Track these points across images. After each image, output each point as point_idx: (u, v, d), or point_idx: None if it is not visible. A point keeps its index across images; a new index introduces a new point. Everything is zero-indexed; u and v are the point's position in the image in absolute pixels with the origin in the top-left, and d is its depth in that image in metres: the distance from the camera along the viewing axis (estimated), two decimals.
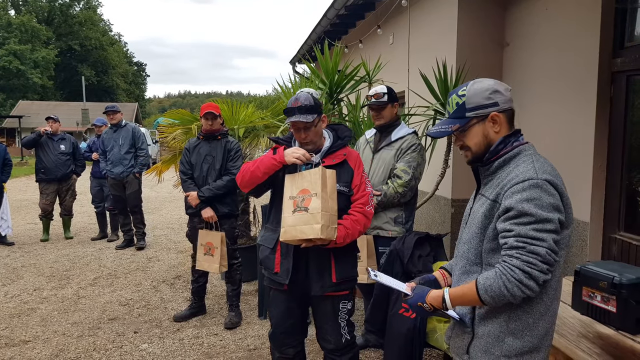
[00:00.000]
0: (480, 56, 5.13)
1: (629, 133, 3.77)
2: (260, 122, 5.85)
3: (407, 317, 3.05)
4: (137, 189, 7.34)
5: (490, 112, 1.78)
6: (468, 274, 1.82)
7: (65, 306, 5.06)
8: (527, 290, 1.62)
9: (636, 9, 3.74)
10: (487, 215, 1.75)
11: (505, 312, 1.74)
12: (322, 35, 9.25)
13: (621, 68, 3.76)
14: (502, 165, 1.78)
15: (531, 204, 1.63)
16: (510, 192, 1.67)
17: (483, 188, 1.85)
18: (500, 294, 1.64)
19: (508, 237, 1.65)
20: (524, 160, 1.74)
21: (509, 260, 1.63)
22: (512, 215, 1.65)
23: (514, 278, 1.61)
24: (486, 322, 1.78)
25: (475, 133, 1.81)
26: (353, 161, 2.77)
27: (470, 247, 1.82)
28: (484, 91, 1.79)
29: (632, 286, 2.24)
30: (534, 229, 1.62)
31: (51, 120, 7.77)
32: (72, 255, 7.10)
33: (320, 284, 2.71)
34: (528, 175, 1.67)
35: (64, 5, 51.45)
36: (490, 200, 1.75)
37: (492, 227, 1.74)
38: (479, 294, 1.68)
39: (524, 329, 1.73)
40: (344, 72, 5.28)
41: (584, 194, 3.98)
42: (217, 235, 4.39)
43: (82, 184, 8.14)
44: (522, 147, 1.79)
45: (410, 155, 3.62)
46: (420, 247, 3.37)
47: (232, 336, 4.30)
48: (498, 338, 1.75)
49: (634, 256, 3.63)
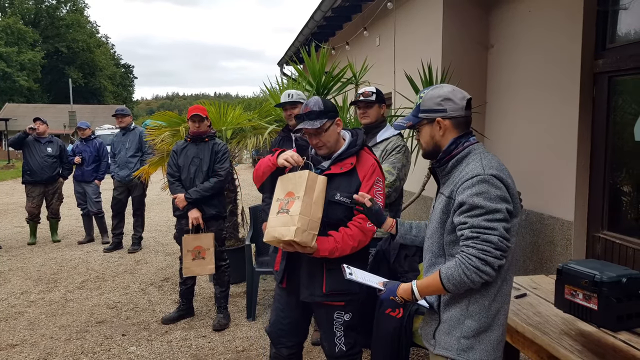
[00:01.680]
0: (465, 58, 5.18)
1: (611, 133, 3.83)
2: (248, 123, 5.86)
3: (393, 317, 3.06)
4: (142, 192, 7.34)
5: (436, 117, 1.96)
6: (434, 265, 1.99)
7: (53, 309, 5.03)
8: (484, 276, 1.78)
9: (617, 11, 3.81)
10: (444, 211, 1.93)
11: (466, 297, 1.91)
12: (309, 37, 9.29)
13: (603, 69, 3.82)
14: (455, 165, 1.95)
15: (480, 197, 1.80)
16: (462, 188, 1.85)
17: (442, 187, 2.02)
18: (460, 281, 1.81)
19: (463, 229, 1.83)
20: (473, 159, 1.92)
21: (466, 250, 1.80)
22: (465, 209, 1.83)
23: (472, 265, 1.77)
24: (449, 307, 1.95)
25: (425, 132, 2.01)
26: (364, 172, 2.62)
27: (433, 241, 2.00)
28: (436, 97, 1.97)
29: (612, 284, 2.28)
30: (485, 219, 1.79)
31: (39, 121, 7.71)
32: (59, 258, 7.05)
33: (309, 292, 2.68)
34: (476, 171, 1.85)
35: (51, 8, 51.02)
36: (445, 197, 1.93)
37: (449, 222, 1.91)
38: (443, 283, 1.85)
39: (481, 311, 1.91)
40: (330, 73, 5.31)
41: (568, 193, 4.03)
42: (206, 237, 4.38)
43: (70, 187, 8.09)
44: (472, 146, 1.96)
45: (394, 157, 3.63)
46: (406, 247, 3.38)
47: (220, 338, 4.30)
48: (459, 321, 1.93)
49: (618, 255, 3.69)
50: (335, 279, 2.61)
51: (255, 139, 5.73)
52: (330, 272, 2.63)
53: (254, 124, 5.84)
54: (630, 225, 3.75)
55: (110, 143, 7.60)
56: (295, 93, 4.09)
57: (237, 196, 6.10)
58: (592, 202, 3.97)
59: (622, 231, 3.74)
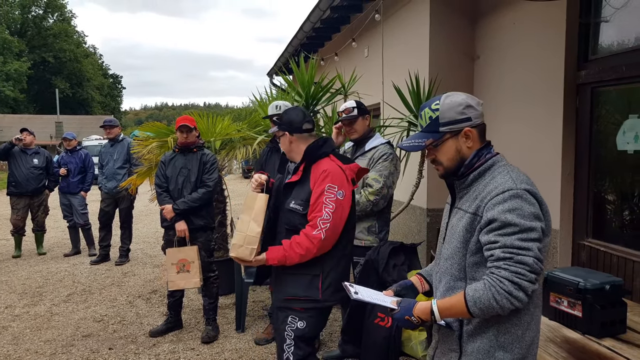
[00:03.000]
0: (452, 69, 5.25)
1: (594, 142, 3.90)
2: (237, 134, 5.87)
3: (382, 327, 3.08)
4: (129, 204, 7.29)
5: (463, 127, 1.77)
6: (452, 289, 1.79)
7: (38, 324, 4.97)
8: (515, 302, 1.60)
9: (599, 24, 3.89)
10: (468, 229, 1.73)
11: (494, 326, 1.72)
12: (298, 48, 9.34)
13: (586, 80, 3.89)
14: (477, 178, 1.78)
15: (513, 214, 1.62)
16: (492, 203, 1.67)
17: (459, 201, 1.83)
18: (489, 306, 1.62)
19: (494, 249, 1.63)
20: (500, 172, 1.75)
21: (497, 272, 1.61)
22: (496, 227, 1.64)
23: (504, 290, 1.59)
24: (475, 338, 1.75)
25: (449, 148, 1.79)
26: (314, 179, 2.65)
27: (453, 262, 1.79)
28: (457, 106, 1.78)
29: (596, 291, 2.32)
30: (519, 238, 1.60)
31: (26, 132, 7.66)
32: (45, 271, 6.97)
33: (276, 297, 2.82)
34: (507, 186, 1.67)
35: (38, 17, 50.74)
36: (470, 214, 1.73)
37: (474, 241, 1.72)
38: (468, 306, 1.65)
39: (514, 341, 1.72)
40: (319, 84, 5.35)
41: (553, 202, 4.08)
42: (190, 249, 4.36)
43: (56, 198, 8.02)
44: (495, 158, 1.79)
45: (381, 165, 3.67)
46: (395, 257, 3.42)
47: (209, 350, 4.28)
48: (488, 353, 1.73)
49: (602, 262, 3.74)
50: (294, 285, 2.68)
51: (244, 150, 5.74)
52: (290, 279, 2.70)
53: (243, 134, 5.86)
54: (614, 233, 3.81)
55: (97, 154, 7.57)
56: (283, 105, 4.10)
57: (226, 207, 6.09)
58: (577, 210, 4.03)
59: (607, 239, 3.80)
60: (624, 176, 3.75)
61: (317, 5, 7.08)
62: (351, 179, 2.75)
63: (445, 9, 5.24)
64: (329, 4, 6.76)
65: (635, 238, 3.60)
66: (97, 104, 54.66)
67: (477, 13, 5.25)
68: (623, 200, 3.78)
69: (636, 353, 2.17)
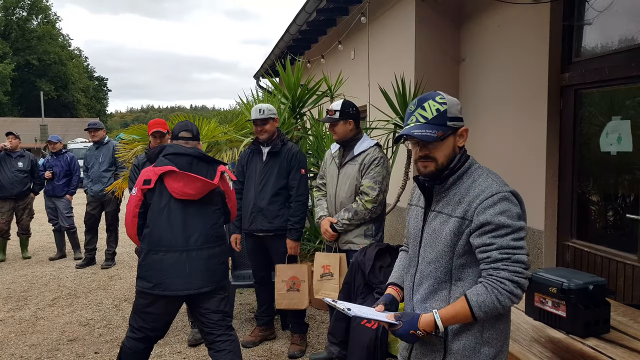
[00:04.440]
0: (438, 71, 5.29)
1: (578, 143, 3.95)
2: (223, 136, 5.85)
3: (368, 328, 3.09)
4: (115, 208, 7.22)
5: (462, 125, 1.82)
6: (436, 291, 1.82)
7: (23, 328, 4.91)
8: (516, 300, 1.66)
9: (582, 26, 3.94)
10: (455, 233, 1.76)
11: (479, 323, 1.75)
12: (285, 50, 9.34)
13: (569, 82, 3.94)
14: (455, 181, 1.80)
15: (505, 216, 1.69)
16: (482, 207, 1.71)
17: (437, 205, 1.84)
18: (493, 308, 1.67)
19: (490, 251, 1.68)
20: (479, 174, 1.79)
21: (496, 274, 1.66)
22: (490, 229, 1.69)
23: (505, 290, 1.65)
24: (460, 336, 1.78)
25: (447, 146, 1.79)
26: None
27: (438, 265, 1.81)
28: (457, 104, 1.82)
29: (580, 291, 2.34)
30: (513, 238, 1.68)
31: (11, 136, 7.57)
32: (30, 275, 6.88)
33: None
34: (494, 189, 1.73)
35: (21, 19, 50.13)
36: (456, 218, 1.76)
37: (462, 244, 1.75)
38: (473, 312, 1.69)
39: (498, 335, 1.78)
40: (306, 86, 5.36)
41: (538, 203, 4.12)
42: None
43: (41, 202, 7.93)
44: (470, 160, 1.83)
45: (374, 170, 3.61)
46: (381, 258, 3.43)
47: (195, 353, 4.25)
48: (474, 350, 1.76)
49: (586, 262, 3.78)
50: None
51: (230, 152, 5.73)
52: None
53: (229, 137, 5.84)
54: (598, 233, 3.86)
55: (83, 157, 7.49)
56: (266, 108, 4.06)
57: None
58: (561, 211, 4.07)
59: (590, 239, 3.85)
60: (607, 177, 3.79)
61: (304, 8, 7.09)
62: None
63: (430, 12, 5.28)
64: (315, 7, 6.77)
65: (618, 238, 3.65)
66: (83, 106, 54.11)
67: (463, 16, 5.30)
68: (606, 201, 3.82)
69: (619, 352, 2.19)
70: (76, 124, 41.96)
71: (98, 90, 60.46)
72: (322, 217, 3.83)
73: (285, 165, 4.07)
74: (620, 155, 3.53)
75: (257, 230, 4.11)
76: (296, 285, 4.05)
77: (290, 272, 4.09)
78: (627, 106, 3.56)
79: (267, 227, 4.06)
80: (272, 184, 4.06)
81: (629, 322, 2.53)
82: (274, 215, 4.05)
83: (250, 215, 4.11)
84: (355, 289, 3.42)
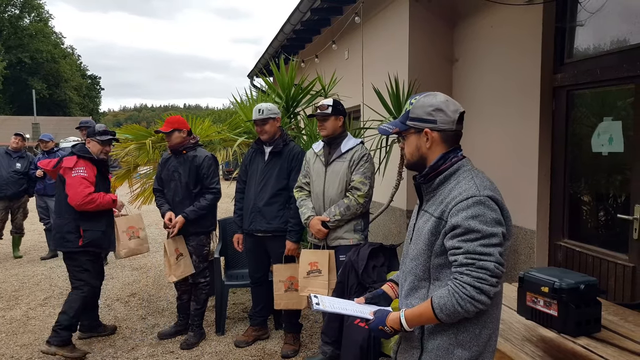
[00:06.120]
0: (431, 71, 5.30)
1: (570, 144, 3.97)
2: (217, 136, 5.84)
3: (362, 327, 3.09)
4: None
5: (424, 127, 1.84)
6: (416, 289, 1.85)
7: (14, 328, 4.87)
8: (479, 305, 1.66)
9: (574, 28, 3.96)
10: (433, 232, 1.78)
11: (454, 325, 1.76)
12: (278, 50, 9.33)
13: (561, 83, 3.96)
14: (442, 182, 1.82)
15: (476, 220, 1.68)
16: (456, 209, 1.72)
17: (426, 204, 1.88)
18: (454, 311, 1.68)
19: (457, 255, 1.69)
20: (465, 177, 1.80)
21: (460, 278, 1.67)
22: (459, 233, 1.69)
23: (466, 295, 1.65)
24: (435, 336, 1.80)
25: (410, 142, 1.89)
26: None
27: (417, 263, 1.84)
28: (427, 106, 1.84)
29: (571, 290, 2.36)
30: (481, 244, 1.67)
31: (19, 137, 7.52)
32: (21, 274, 6.84)
33: None
34: (471, 192, 1.73)
35: (14, 17, 49.76)
36: (435, 217, 1.78)
37: (439, 244, 1.77)
38: (435, 313, 1.71)
39: (472, 339, 1.77)
40: (300, 86, 5.36)
41: (530, 203, 4.15)
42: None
43: (32, 200, 7.89)
44: (460, 162, 1.84)
45: (364, 167, 3.74)
46: (375, 258, 3.44)
47: (188, 354, 4.24)
48: (447, 350, 1.78)
49: (578, 262, 3.81)
50: None
51: (224, 152, 5.71)
52: None
53: (223, 136, 5.83)
54: (589, 233, 3.88)
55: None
56: (266, 108, 4.04)
57: None
58: (554, 211, 4.09)
59: (582, 239, 3.87)
60: (599, 178, 3.82)
61: (298, 7, 7.08)
62: None
63: (424, 12, 5.29)
64: (309, 6, 6.76)
65: (609, 238, 3.67)
66: (75, 105, 53.79)
67: (456, 16, 5.31)
68: (598, 202, 3.85)
69: (610, 351, 2.21)
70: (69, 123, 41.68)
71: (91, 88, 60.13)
72: (310, 217, 3.80)
73: (286, 165, 4.07)
74: (612, 156, 3.56)
75: (256, 230, 4.11)
76: (294, 285, 4.04)
77: (288, 272, 4.08)
78: (619, 107, 3.58)
79: (266, 227, 4.06)
80: (272, 184, 4.05)
81: (620, 322, 2.55)
82: (273, 216, 4.05)
83: (250, 215, 4.11)
84: (349, 289, 3.42)
